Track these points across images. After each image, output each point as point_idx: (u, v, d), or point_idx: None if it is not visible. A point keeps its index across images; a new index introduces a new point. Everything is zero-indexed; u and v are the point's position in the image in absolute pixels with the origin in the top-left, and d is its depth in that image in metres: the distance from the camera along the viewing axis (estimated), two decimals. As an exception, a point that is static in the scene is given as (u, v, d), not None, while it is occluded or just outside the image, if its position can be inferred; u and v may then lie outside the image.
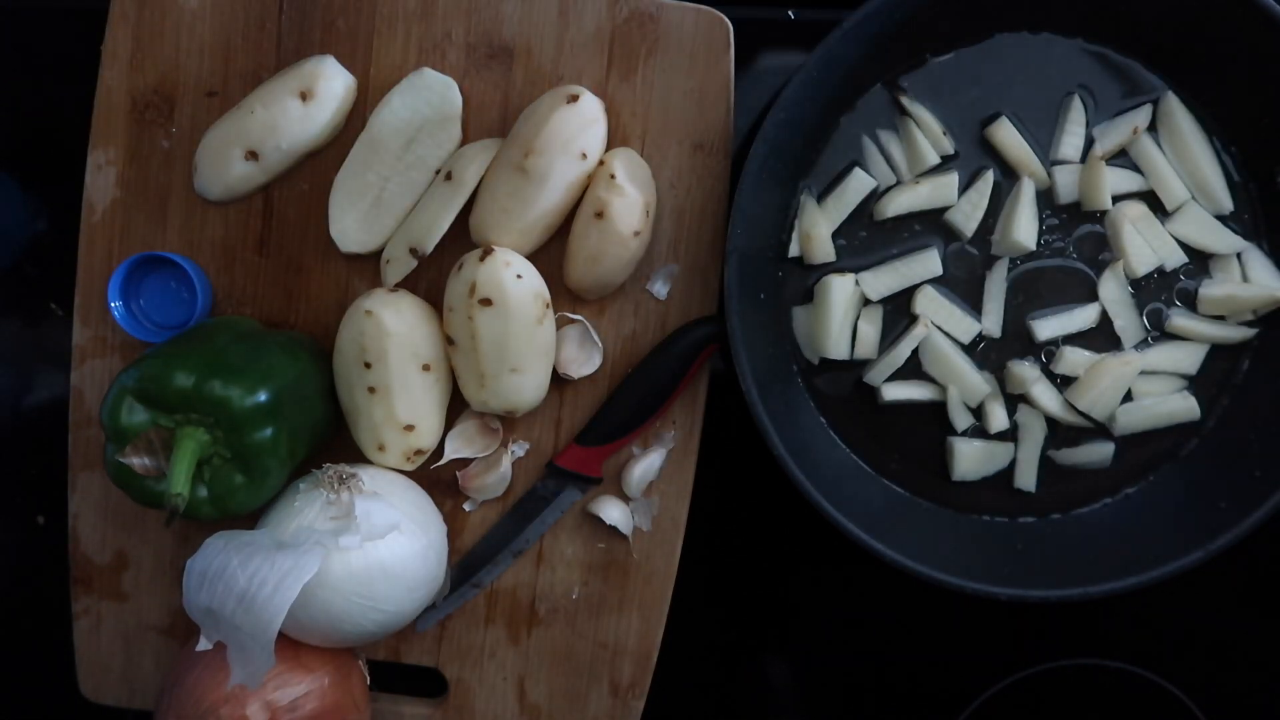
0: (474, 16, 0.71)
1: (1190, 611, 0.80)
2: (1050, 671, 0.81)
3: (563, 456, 0.74)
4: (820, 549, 0.79)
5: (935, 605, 0.78)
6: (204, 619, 0.65)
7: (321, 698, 0.68)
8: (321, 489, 0.68)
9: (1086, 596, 0.67)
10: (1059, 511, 0.74)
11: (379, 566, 0.66)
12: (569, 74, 0.71)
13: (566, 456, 0.74)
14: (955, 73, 0.71)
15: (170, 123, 0.72)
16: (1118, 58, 0.71)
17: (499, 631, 0.76)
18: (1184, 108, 0.70)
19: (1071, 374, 0.72)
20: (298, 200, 0.73)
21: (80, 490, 0.75)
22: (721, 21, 0.70)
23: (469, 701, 0.77)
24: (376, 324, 0.68)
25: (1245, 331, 0.72)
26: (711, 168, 0.72)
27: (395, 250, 0.71)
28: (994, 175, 0.71)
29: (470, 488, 0.74)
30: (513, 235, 0.69)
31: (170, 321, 0.73)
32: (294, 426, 0.67)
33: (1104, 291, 0.71)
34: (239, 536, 0.66)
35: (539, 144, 0.67)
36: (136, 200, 0.73)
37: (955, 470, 0.73)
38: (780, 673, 0.82)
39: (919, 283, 0.72)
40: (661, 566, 0.75)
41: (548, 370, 0.71)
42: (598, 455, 0.73)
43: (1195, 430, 0.73)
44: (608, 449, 0.73)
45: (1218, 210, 0.71)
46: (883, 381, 0.72)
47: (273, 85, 0.70)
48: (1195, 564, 0.67)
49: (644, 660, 0.76)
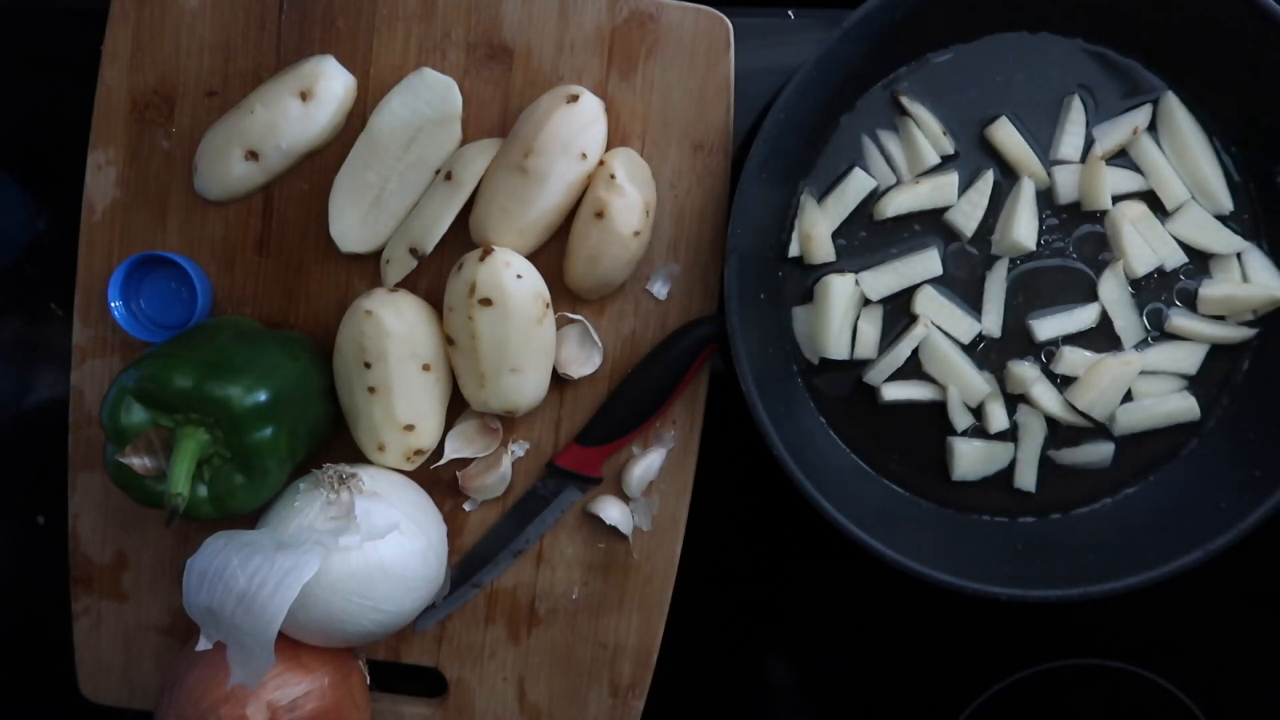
0: (474, 16, 0.71)
1: (1190, 611, 0.80)
2: (1050, 671, 0.81)
3: (562, 456, 0.74)
4: (820, 549, 0.79)
5: (935, 605, 0.78)
6: (204, 619, 0.65)
7: (321, 698, 0.68)
8: (321, 489, 0.68)
9: (1086, 596, 0.67)
10: (1059, 511, 0.74)
11: (379, 566, 0.66)
12: (569, 74, 0.71)
13: (566, 456, 0.74)
14: (955, 73, 0.71)
15: (170, 123, 0.72)
16: (1118, 58, 0.71)
17: (499, 631, 0.76)
18: (1184, 108, 0.70)
19: (1071, 374, 0.72)
20: (298, 200, 0.73)
21: (80, 490, 0.75)
22: (721, 21, 0.70)
23: (469, 701, 0.77)
24: (376, 324, 0.68)
25: (1245, 331, 0.72)
26: (711, 168, 0.72)
27: (395, 250, 0.71)
28: (994, 175, 0.71)
29: (470, 487, 0.74)
30: (513, 235, 0.69)
31: (170, 321, 0.73)
32: (294, 426, 0.67)
33: (1104, 291, 0.71)
34: (239, 536, 0.66)
35: (539, 144, 0.67)
36: (136, 200, 0.73)
37: (955, 470, 0.73)
38: (780, 673, 0.82)
39: (919, 283, 0.72)
40: (661, 566, 0.75)
41: (548, 370, 0.71)
42: (598, 455, 0.73)
43: (1195, 430, 0.73)
44: (607, 449, 0.73)
45: (1218, 210, 0.71)
46: (883, 381, 0.72)
47: (273, 85, 0.70)
48: (1195, 564, 0.67)
49: (644, 660, 0.76)
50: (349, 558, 0.66)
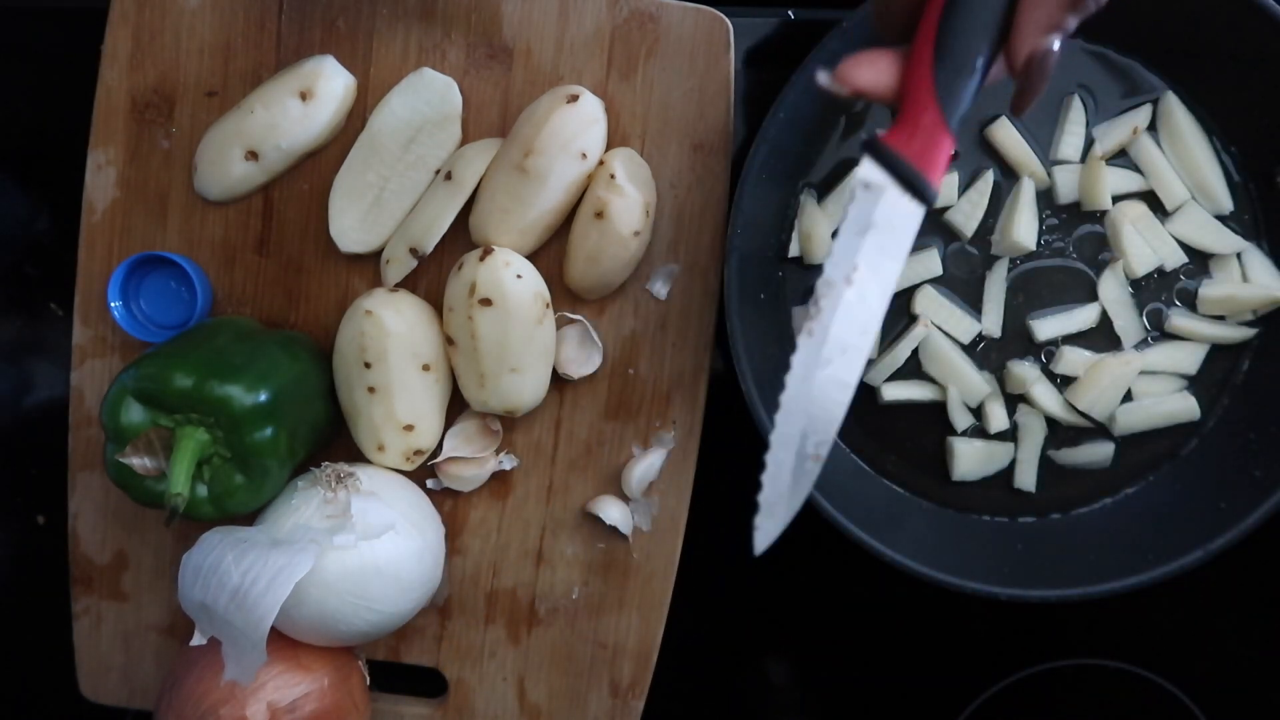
0: (474, 16, 0.71)
1: (1190, 611, 0.80)
2: (1050, 671, 0.81)
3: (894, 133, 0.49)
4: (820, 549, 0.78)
5: (935, 605, 0.78)
6: (198, 614, 0.65)
7: (321, 698, 0.68)
8: (319, 487, 0.68)
9: (1086, 596, 0.67)
10: (1059, 511, 0.74)
11: (373, 566, 0.66)
12: (569, 74, 0.71)
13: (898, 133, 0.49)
14: (955, 73, 0.70)
15: (170, 123, 0.72)
16: (1118, 58, 0.71)
17: (499, 631, 0.76)
18: (1184, 108, 0.70)
19: (1071, 374, 0.72)
20: (298, 200, 0.73)
21: (80, 490, 0.75)
22: (721, 21, 0.70)
23: (469, 701, 0.77)
24: (376, 324, 0.68)
25: (1245, 331, 0.72)
26: (711, 168, 0.72)
27: (395, 250, 0.71)
28: (994, 175, 0.71)
29: (445, 470, 0.73)
30: (513, 235, 0.69)
31: (170, 321, 0.73)
32: (294, 426, 0.67)
33: (1104, 291, 0.71)
34: (234, 532, 0.66)
35: (539, 144, 0.67)
36: (136, 200, 0.73)
37: (955, 470, 0.73)
38: (780, 673, 0.82)
39: (919, 283, 0.72)
40: (661, 566, 0.75)
41: (548, 370, 0.71)
42: (939, 132, 0.48)
43: (1195, 430, 0.73)
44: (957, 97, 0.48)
45: (1218, 210, 0.71)
46: (883, 381, 0.72)
47: (273, 85, 0.70)
48: (1195, 564, 0.67)
49: (644, 660, 0.76)
50: (344, 557, 0.66)
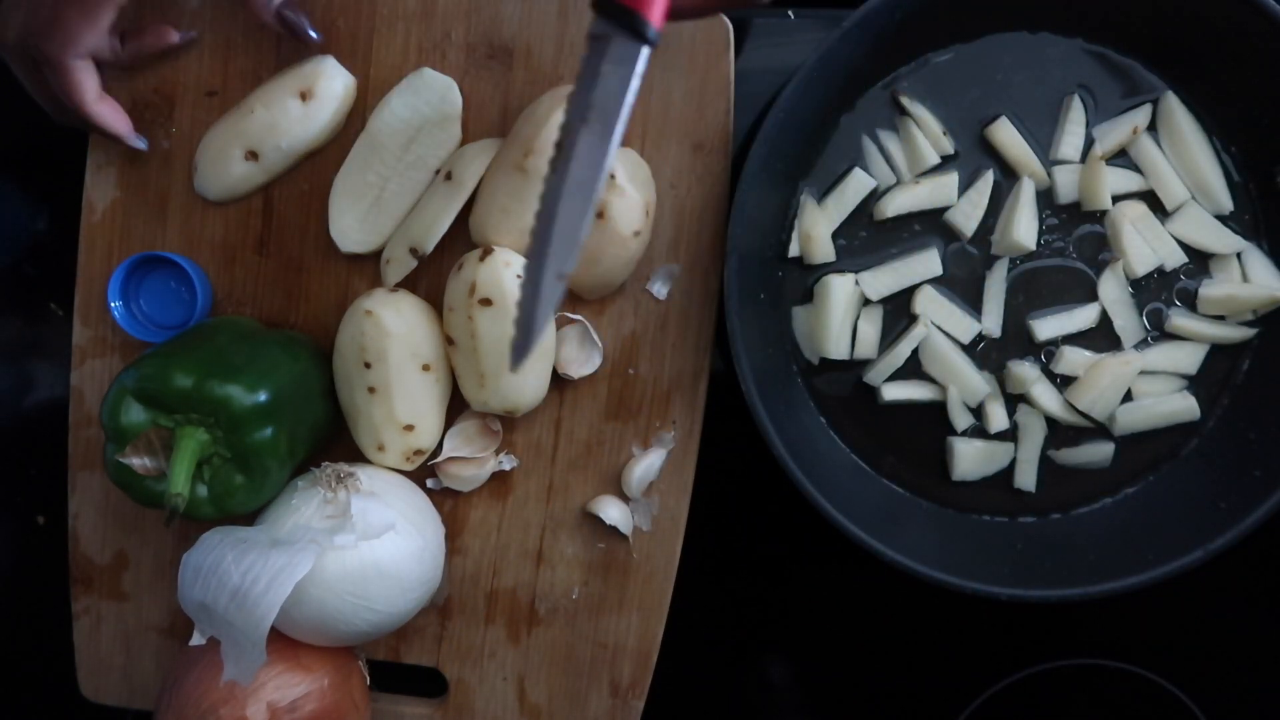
0: (474, 16, 0.71)
1: (1190, 611, 0.80)
2: (1050, 671, 0.81)
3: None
4: (820, 549, 0.78)
5: (935, 605, 0.78)
6: (197, 614, 0.65)
7: (321, 698, 0.68)
8: (319, 487, 0.68)
9: (1086, 596, 0.67)
10: (1059, 511, 0.74)
11: (373, 566, 0.66)
12: (569, 74, 0.71)
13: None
14: (955, 73, 0.71)
15: (170, 123, 0.72)
16: (1118, 58, 0.71)
17: (499, 631, 0.76)
18: (1184, 108, 0.70)
19: (1071, 374, 0.72)
20: (298, 200, 0.73)
21: (80, 490, 0.75)
22: (721, 21, 0.70)
23: (469, 701, 0.77)
24: (376, 324, 0.68)
25: (1245, 331, 0.72)
26: (711, 168, 0.72)
27: (395, 250, 0.71)
28: (994, 175, 0.71)
29: (445, 470, 0.74)
30: (513, 235, 0.69)
31: (170, 321, 0.73)
32: (294, 426, 0.67)
33: (1104, 291, 0.71)
34: (234, 532, 0.66)
35: (539, 144, 0.67)
36: (136, 200, 0.73)
37: (955, 470, 0.73)
38: (780, 673, 0.82)
39: (919, 283, 0.72)
40: (661, 566, 0.75)
41: (548, 370, 0.71)
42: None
43: (1195, 430, 0.73)
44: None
45: (1218, 210, 0.71)
46: (883, 381, 0.72)
47: (273, 85, 0.70)
48: (1195, 564, 0.67)
49: (644, 660, 0.76)
50: (344, 556, 0.66)
